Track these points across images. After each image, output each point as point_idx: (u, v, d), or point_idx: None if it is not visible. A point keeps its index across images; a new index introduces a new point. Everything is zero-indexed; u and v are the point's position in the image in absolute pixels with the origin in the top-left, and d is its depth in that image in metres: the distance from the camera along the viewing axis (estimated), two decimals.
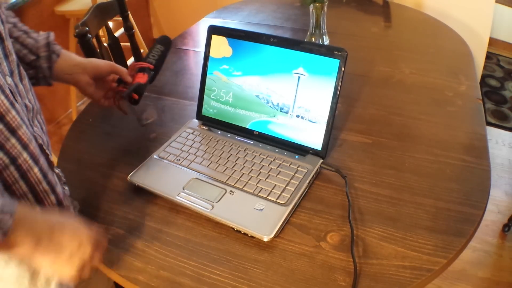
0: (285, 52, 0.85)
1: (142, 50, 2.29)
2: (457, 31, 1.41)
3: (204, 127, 0.94)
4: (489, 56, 2.81)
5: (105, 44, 1.40)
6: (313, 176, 0.81)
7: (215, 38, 0.92)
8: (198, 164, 0.84)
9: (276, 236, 0.70)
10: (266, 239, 0.70)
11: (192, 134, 0.92)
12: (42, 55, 0.79)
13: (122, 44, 1.48)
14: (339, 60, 0.80)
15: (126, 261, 0.69)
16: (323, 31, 1.27)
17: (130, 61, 1.71)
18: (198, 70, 1.16)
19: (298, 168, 0.82)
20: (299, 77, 0.84)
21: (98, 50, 1.31)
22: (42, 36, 0.80)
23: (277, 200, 0.76)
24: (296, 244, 0.70)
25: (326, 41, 1.29)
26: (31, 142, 0.60)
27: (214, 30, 0.92)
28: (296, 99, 0.85)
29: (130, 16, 1.52)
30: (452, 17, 2.02)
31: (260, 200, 0.76)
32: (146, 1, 2.97)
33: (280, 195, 0.76)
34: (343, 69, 0.80)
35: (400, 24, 1.56)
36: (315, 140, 0.84)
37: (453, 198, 0.77)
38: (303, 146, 0.86)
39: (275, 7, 1.66)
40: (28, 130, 0.60)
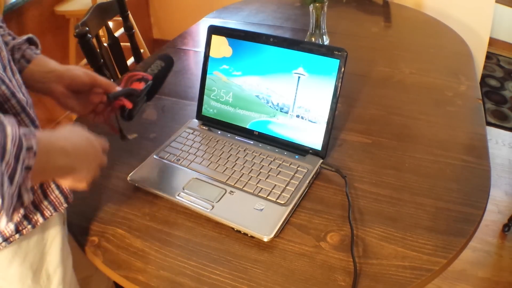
0: (285, 52, 0.85)
1: (142, 50, 2.29)
2: (457, 31, 1.41)
3: (204, 127, 0.94)
4: (489, 56, 2.81)
5: (105, 44, 1.40)
6: (313, 176, 0.81)
7: (215, 38, 0.92)
8: (198, 164, 0.84)
9: (276, 236, 0.70)
10: (266, 239, 0.70)
11: (192, 134, 0.92)
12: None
13: (122, 44, 1.48)
14: (339, 60, 0.80)
15: (126, 261, 0.69)
16: (323, 31, 1.27)
17: (130, 61, 1.71)
18: (198, 70, 1.16)
19: (298, 168, 0.82)
20: (299, 77, 0.84)
21: (98, 50, 1.31)
22: (21, 39, 0.71)
23: (277, 200, 0.76)
24: (296, 244, 0.70)
25: (326, 41, 1.29)
26: None
27: (214, 30, 0.92)
28: (296, 99, 0.85)
29: (130, 16, 1.52)
30: (452, 17, 2.02)
31: (260, 200, 0.76)
32: (146, 1, 2.97)
33: (280, 195, 0.76)
34: (343, 69, 0.80)
35: (400, 24, 1.56)
36: (315, 140, 0.84)
37: (453, 198, 0.77)
38: (303, 146, 0.86)
39: (275, 7, 1.66)
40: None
